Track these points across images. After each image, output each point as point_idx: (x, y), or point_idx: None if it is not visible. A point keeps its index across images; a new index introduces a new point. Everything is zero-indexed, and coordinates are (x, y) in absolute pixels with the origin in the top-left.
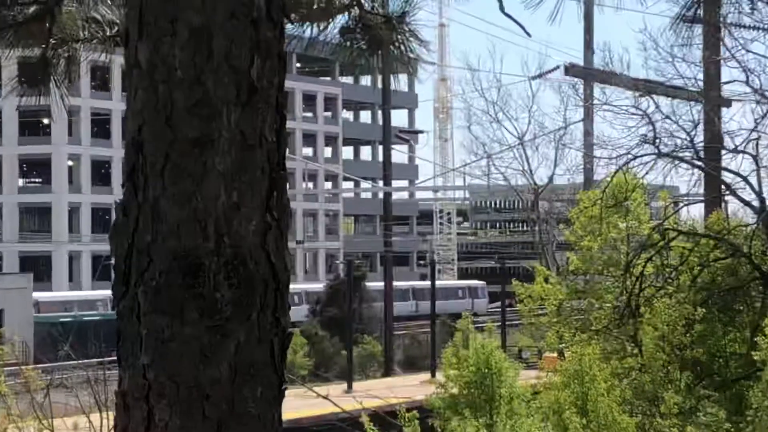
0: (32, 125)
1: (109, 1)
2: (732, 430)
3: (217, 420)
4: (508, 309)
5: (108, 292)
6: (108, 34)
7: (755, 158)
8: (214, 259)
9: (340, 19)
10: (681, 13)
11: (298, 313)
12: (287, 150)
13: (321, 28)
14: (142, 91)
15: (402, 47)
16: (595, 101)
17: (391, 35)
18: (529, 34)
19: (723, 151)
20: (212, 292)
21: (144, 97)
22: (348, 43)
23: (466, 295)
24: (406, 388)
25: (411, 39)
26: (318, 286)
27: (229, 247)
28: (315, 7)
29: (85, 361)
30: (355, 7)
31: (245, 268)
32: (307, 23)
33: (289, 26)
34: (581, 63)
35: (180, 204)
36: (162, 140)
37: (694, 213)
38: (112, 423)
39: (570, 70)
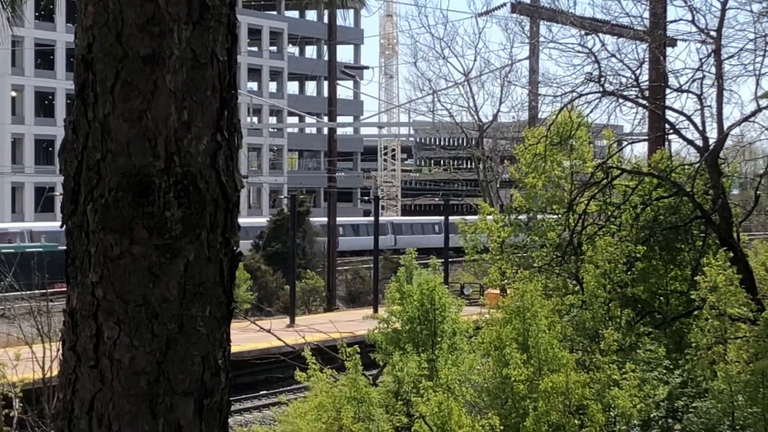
0: None
1: None
2: (671, 366)
3: (165, 338)
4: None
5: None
6: None
7: (699, 97)
8: (164, 178)
9: None
10: None
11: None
12: None
13: None
14: (92, 6)
15: None
16: (541, 39)
17: None
18: None
19: (667, 90)
20: (162, 210)
21: (94, 13)
22: None
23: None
24: (348, 323)
25: None
26: (262, 221)
27: (179, 166)
28: None
29: (28, 292)
30: None
31: (195, 187)
32: None
33: None
34: (528, 0)
35: (130, 122)
36: (112, 57)
37: (637, 152)
38: (55, 353)
39: (517, 7)
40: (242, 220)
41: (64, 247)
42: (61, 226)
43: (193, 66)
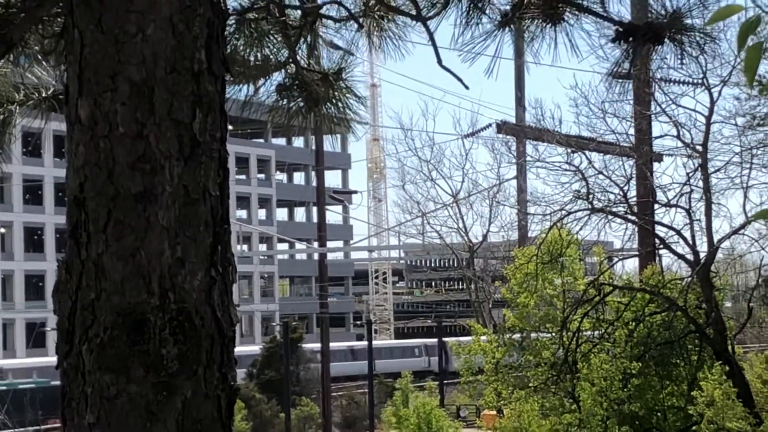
0: None
1: (44, 63)
2: None
3: None
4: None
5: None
6: (44, 95)
7: (688, 212)
8: (159, 315)
9: (277, 77)
10: (612, 70)
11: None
12: None
13: (257, 86)
14: (84, 147)
15: (339, 103)
16: (528, 158)
17: (327, 92)
18: (466, 87)
19: (656, 206)
20: (157, 348)
21: (85, 153)
22: (285, 101)
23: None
24: None
25: (348, 95)
26: (255, 349)
27: (174, 303)
28: (252, 64)
29: (21, 429)
30: (292, 65)
31: (190, 323)
32: (243, 82)
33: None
34: (513, 120)
35: (124, 260)
36: (104, 196)
37: (628, 267)
38: None
39: (502, 127)
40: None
41: (57, 382)
42: (57, 367)
43: (186, 202)
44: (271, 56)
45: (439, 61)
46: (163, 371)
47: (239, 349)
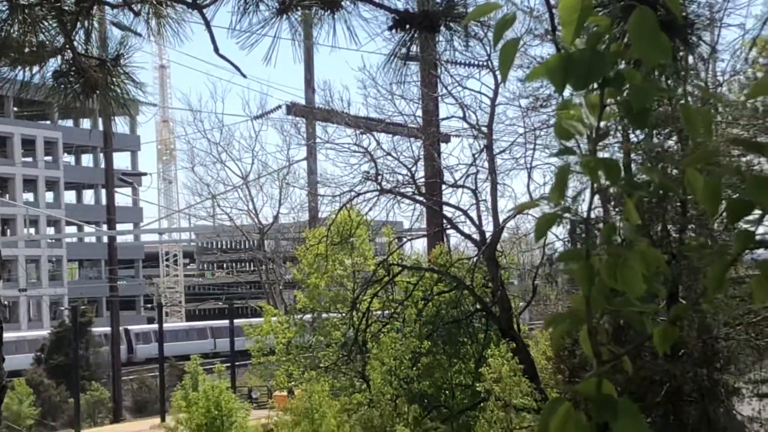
0: None
1: None
2: None
3: None
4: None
5: None
6: None
7: (474, 192)
8: None
9: (53, 63)
10: (394, 51)
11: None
12: (8, 196)
13: (33, 71)
14: None
15: (118, 89)
16: (318, 139)
17: (106, 78)
18: (244, 75)
19: (443, 186)
20: None
21: None
22: (62, 87)
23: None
24: None
25: (127, 81)
26: (43, 333)
27: None
28: (26, 50)
29: None
30: (68, 51)
31: None
32: (20, 68)
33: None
34: (303, 102)
35: None
36: None
37: (417, 247)
38: None
39: (292, 109)
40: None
41: None
42: None
43: None
44: (47, 42)
45: (216, 50)
46: None
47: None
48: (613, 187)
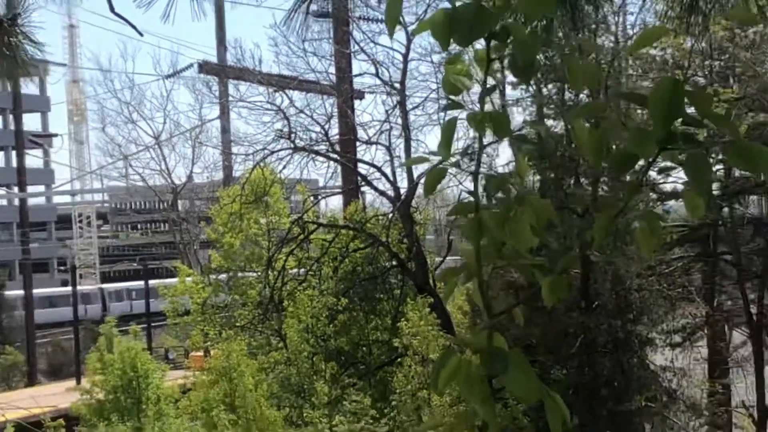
0: None
1: None
2: (377, 415)
3: None
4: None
5: None
6: None
7: (388, 149)
8: None
9: None
10: (295, 6)
11: None
12: None
13: None
14: None
15: (15, 50)
16: (230, 98)
17: (3, 38)
18: (141, 34)
19: (357, 143)
20: None
21: None
22: None
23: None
24: (51, 397)
25: (25, 41)
26: None
27: None
28: None
29: None
30: None
31: None
32: None
33: None
34: (215, 60)
35: None
36: None
37: (333, 205)
38: None
39: (204, 67)
40: None
41: None
42: None
43: None
44: None
45: (112, 9)
46: None
47: None
48: (502, 140)
